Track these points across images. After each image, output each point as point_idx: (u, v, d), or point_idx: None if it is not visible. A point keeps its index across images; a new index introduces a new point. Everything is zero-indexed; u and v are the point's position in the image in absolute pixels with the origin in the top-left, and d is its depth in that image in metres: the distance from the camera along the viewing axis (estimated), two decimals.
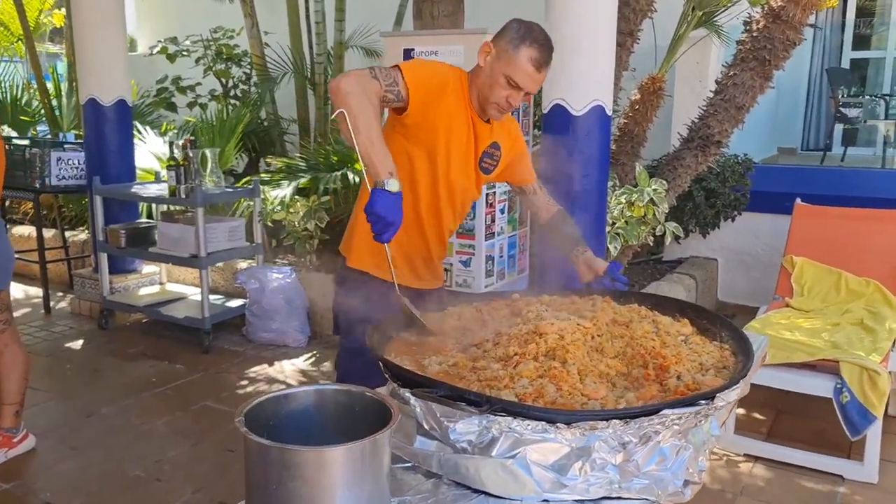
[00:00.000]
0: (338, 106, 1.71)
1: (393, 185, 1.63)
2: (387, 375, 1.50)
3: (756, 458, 3.15)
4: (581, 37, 3.05)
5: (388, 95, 1.83)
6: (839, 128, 7.10)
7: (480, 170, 2.09)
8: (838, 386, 2.96)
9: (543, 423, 1.29)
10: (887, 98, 6.94)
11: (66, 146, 5.15)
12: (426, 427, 1.39)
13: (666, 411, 1.31)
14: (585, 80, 3.10)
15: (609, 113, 3.18)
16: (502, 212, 3.77)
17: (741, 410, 3.52)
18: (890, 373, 3.17)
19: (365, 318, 1.74)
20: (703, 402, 1.35)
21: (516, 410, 1.30)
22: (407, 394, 1.37)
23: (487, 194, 3.64)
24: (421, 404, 1.37)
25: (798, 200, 4.25)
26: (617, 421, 1.29)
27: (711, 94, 4.16)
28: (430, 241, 2.11)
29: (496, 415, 1.30)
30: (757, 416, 3.56)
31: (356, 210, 2.14)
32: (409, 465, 1.43)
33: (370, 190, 1.64)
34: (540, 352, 1.51)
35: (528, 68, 1.91)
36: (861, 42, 7.64)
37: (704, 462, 1.46)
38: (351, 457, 1.06)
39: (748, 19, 3.95)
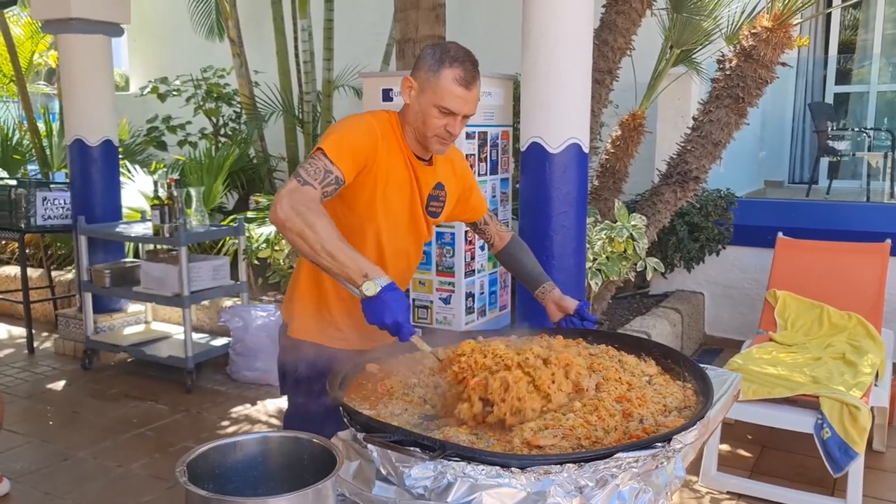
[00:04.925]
0: (284, 234, 1.59)
1: (369, 289, 1.52)
2: (346, 420, 1.49)
3: (739, 496, 3.12)
4: (557, 74, 3.08)
5: (327, 190, 1.70)
6: (824, 161, 7.16)
7: (428, 214, 1.99)
8: (819, 421, 2.94)
9: (497, 467, 1.28)
10: (870, 132, 7.02)
11: (52, 186, 5.17)
12: (384, 472, 1.37)
13: (620, 454, 1.30)
14: (562, 117, 3.12)
15: (586, 150, 3.20)
16: (482, 248, 3.78)
17: (725, 447, 3.49)
18: (872, 408, 3.16)
19: (315, 381, 1.68)
20: (659, 444, 1.34)
21: (470, 455, 1.29)
22: (361, 438, 1.36)
23: (466, 231, 3.66)
24: (377, 449, 1.36)
25: (780, 234, 4.27)
26: (571, 465, 1.28)
27: (689, 131, 4.20)
28: None
29: (450, 460, 1.29)
30: (742, 452, 3.52)
31: (296, 276, 2.03)
32: None
33: (361, 302, 1.54)
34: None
35: (455, 90, 1.78)
36: (844, 77, 7.75)
37: None
38: None
39: (721, 58, 4.01)
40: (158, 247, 5.03)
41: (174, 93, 6.84)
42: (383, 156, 1.84)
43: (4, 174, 6.61)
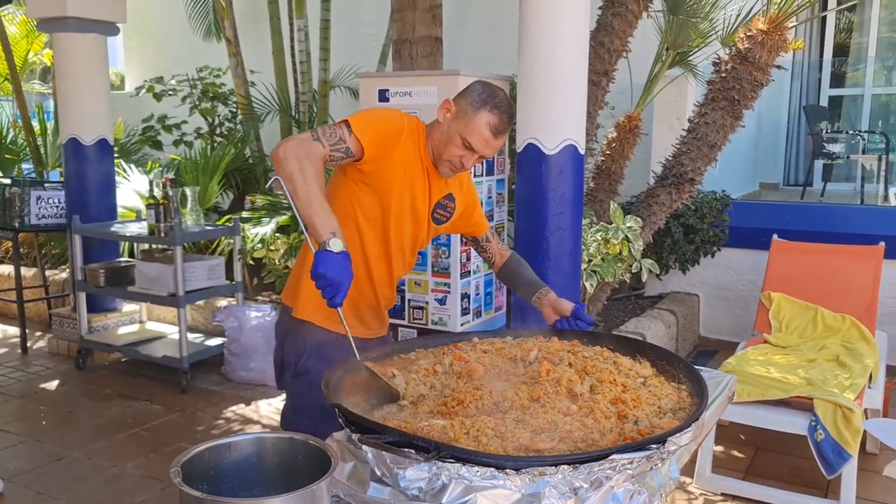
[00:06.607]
0: (276, 171, 1.65)
1: (336, 245, 1.57)
2: (340, 420, 1.49)
3: (733, 498, 3.12)
4: (553, 76, 3.09)
5: (335, 154, 1.79)
6: (819, 163, 7.18)
7: (432, 220, 2.06)
8: (813, 423, 2.95)
9: (492, 469, 1.28)
10: (865, 134, 7.04)
11: (46, 185, 5.15)
12: (378, 474, 1.37)
13: (615, 456, 1.30)
14: (558, 119, 3.13)
15: (582, 152, 3.21)
16: None
17: (719, 448, 3.50)
18: (865, 410, 3.17)
19: (317, 371, 1.70)
20: (653, 446, 1.35)
21: (465, 457, 1.29)
22: (356, 439, 1.36)
23: None
24: (372, 450, 1.36)
25: (775, 236, 4.28)
26: (566, 466, 1.29)
27: (684, 133, 4.22)
28: (378, 290, 2.05)
29: (445, 461, 1.29)
30: (736, 453, 3.53)
31: (301, 260, 2.07)
32: None
33: (314, 253, 1.58)
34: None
35: (484, 133, 1.88)
36: (839, 79, 7.77)
37: None
38: None
39: (717, 60, 4.02)
40: (153, 246, 5.01)
41: (170, 92, 6.82)
42: (406, 153, 1.91)
43: None
